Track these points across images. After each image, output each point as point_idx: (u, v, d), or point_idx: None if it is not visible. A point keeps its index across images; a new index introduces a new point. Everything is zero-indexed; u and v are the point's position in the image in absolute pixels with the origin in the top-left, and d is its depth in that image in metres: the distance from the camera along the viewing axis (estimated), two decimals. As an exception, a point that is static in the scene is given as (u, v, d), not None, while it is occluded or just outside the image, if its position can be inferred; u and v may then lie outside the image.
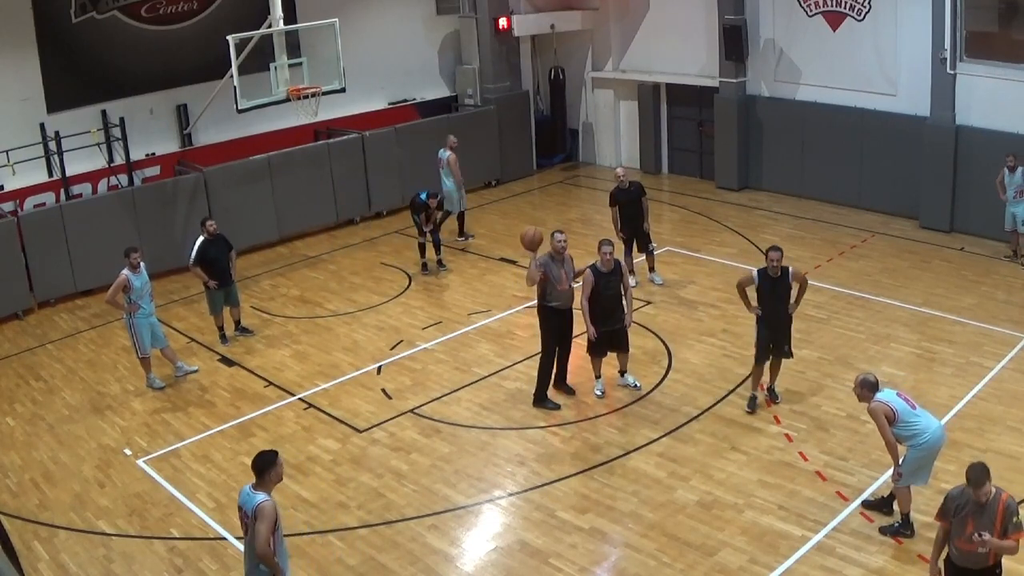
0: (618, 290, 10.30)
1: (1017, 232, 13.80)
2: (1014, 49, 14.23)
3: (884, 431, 7.65)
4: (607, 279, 10.16)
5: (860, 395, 7.81)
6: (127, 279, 11.13)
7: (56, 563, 8.31)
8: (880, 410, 7.63)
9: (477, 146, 18.17)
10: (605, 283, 10.14)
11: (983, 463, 6.14)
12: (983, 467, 6.09)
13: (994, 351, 11.04)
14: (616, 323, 10.39)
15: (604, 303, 10.21)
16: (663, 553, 7.98)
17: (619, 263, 10.32)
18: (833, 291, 13.23)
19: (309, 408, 10.95)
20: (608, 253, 10.13)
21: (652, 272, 13.89)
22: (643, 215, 13.46)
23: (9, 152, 14.35)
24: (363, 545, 8.36)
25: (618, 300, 10.35)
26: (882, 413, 7.63)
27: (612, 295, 10.26)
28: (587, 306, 10.19)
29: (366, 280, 14.96)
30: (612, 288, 10.22)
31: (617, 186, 13.42)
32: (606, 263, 10.15)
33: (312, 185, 16.91)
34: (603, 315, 10.24)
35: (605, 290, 10.16)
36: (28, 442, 10.54)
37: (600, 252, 10.19)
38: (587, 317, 10.22)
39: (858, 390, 7.81)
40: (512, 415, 10.49)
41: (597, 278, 10.14)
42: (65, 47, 15.07)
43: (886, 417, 7.59)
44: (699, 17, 18.15)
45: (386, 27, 18.85)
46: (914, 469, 7.77)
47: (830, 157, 16.79)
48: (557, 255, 10.23)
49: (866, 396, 7.75)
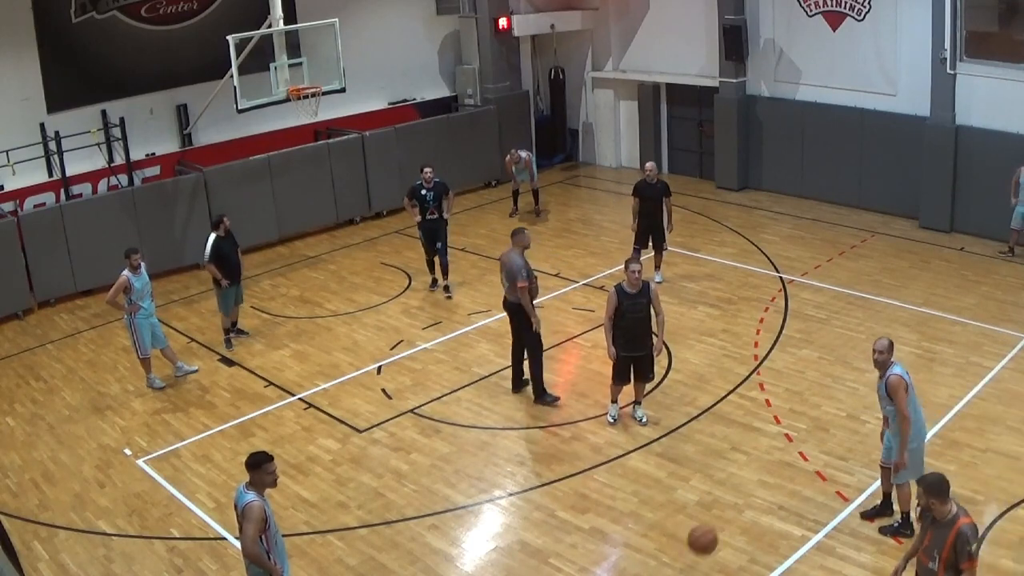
0: (647, 313, 9.51)
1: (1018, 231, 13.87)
2: (1014, 49, 14.23)
3: (903, 405, 7.40)
4: (633, 300, 9.42)
5: (885, 362, 7.52)
6: (127, 280, 11.13)
7: (56, 563, 8.31)
8: (902, 384, 7.42)
9: (477, 146, 18.17)
10: (630, 304, 9.41)
11: (944, 478, 5.77)
12: (945, 482, 5.71)
13: (994, 351, 11.04)
14: (641, 350, 9.66)
15: (628, 326, 9.47)
16: (663, 553, 7.98)
17: (648, 284, 9.52)
18: (833, 291, 13.23)
19: (309, 408, 10.95)
20: (635, 272, 9.36)
21: (656, 271, 13.94)
22: (666, 214, 13.57)
23: (9, 152, 14.36)
24: (363, 545, 8.36)
25: (645, 324, 9.56)
26: (903, 387, 7.42)
27: (639, 318, 9.48)
28: (609, 326, 9.52)
29: (366, 280, 14.96)
30: (639, 311, 9.45)
31: (644, 179, 13.50)
32: (633, 283, 9.39)
33: (312, 185, 16.92)
34: (625, 339, 9.53)
35: (630, 312, 9.43)
36: (28, 442, 10.54)
37: (627, 272, 9.43)
38: (609, 337, 9.58)
39: (885, 356, 7.52)
40: (512, 415, 10.49)
41: (621, 299, 9.43)
42: (65, 47, 15.08)
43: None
44: (699, 17, 18.15)
45: (386, 27, 18.86)
46: (916, 461, 7.64)
47: (830, 157, 16.79)
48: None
49: (888, 362, 7.50)
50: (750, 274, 14.14)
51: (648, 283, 9.59)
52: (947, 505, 5.68)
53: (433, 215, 13.70)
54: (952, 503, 5.70)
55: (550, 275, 14.42)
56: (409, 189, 13.91)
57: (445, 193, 13.81)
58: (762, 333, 12.10)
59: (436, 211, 13.71)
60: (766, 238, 15.67)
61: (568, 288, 13.98)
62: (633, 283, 9.41)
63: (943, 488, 5.67)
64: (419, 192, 13.70)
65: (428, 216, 13.72)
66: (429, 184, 13.65)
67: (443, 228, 13.89)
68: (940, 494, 5.68)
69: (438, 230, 13.82)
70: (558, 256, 15.34)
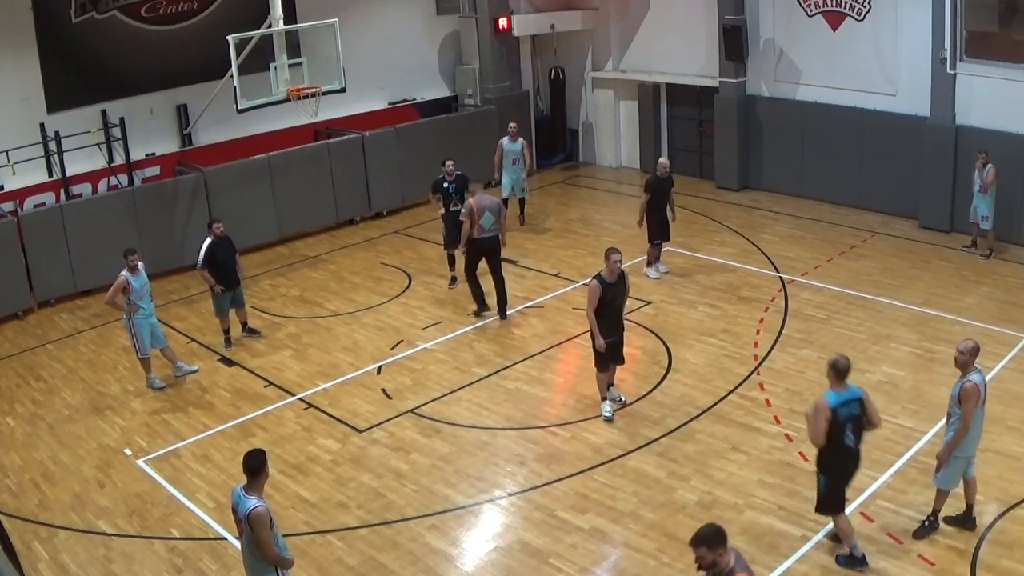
0: (623, 300, 10.02)
1: (978, 225, 14.10)
2: (1014, 49, 14.23)
3: (968, 415, 7.26)
4: (614, 289, 9.76)
5: (966, 363, 7.32)
6: (126, 281, 11.12)
7: (56, 563, 8.31)
8: (975, 395, 7.22)
9: (477, 146, 18.15)
10: (612, 294, 9.74)
11: (719, 529, 5.31)
12: (719, 533, 5.26)
13: (994, 351, 11.02)
14: (618, 334, 10.06)
15: (610, 314, 9.79)
16: (663, 553, 7.98)
17: (624, 273, 9.89)
18: (833, 291, 13.23)
19: (309, 408, 10.95)
20: (616, 261, 9.65)
21: (657, 262, 14.12)
22: (670, 207, 13.84)
23: (9, 152, 14.36)
24: (363, 545, 8.36)
25: (622, 311, 10.08)
26: (975, 398, 7.22)
27: (618, 305, 9.92)
28: (594, 319, 9.70)
29: (366, 280, 14.96)
30: (619, 298, 9.89)
31: (656, 174, 13.69)
32: (612, 273, 9.69)
33: (312, 185, 16.92)
34: (606, 326, 9.80)
35: (612, 300, 9.75)
36: (28, 442, 10.54)
37: (608, 261, 9.67)
38: (595, 330, 9.73)
39: (967, 356, 7.32)
40: (512, 415, 10.50)
41: (605, 289, 9.67)
42: (65, 47, 15.08)
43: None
44: (699, 17, 18.15)
45: (386, 27, 18.86)
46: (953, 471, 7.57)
47: (830, 157, 16.79)
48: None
49: (970, 365, 7.30)
50: (750, 274, 14.14)
51: (624, 271, 9.98)
52: (724, 556, 5.25)
53: (456, 206, 13.86)
54: (730, 554, 5.29)
55: (550, 275, 14.43)
56: (432, 183, 14.27)
57: (466, 185, 14.00)
58: (762, 333, 12.11)
59: (459, 203, 13.85)
60: (766, 238, 15.67)
61: (568, 288, 13.97)
62: (613, 272, 9.73)
63: (716, 538, 5.24)
64: (441, 185, 14.12)
65: (452, 208, 13.97)
66: (451, 177, 14.07)
67: None
68: (711, 543, 5.23)
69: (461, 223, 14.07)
70: (558, 256, 15.34)
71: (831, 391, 7.21)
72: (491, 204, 12.65)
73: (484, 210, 12.51)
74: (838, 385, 7.21)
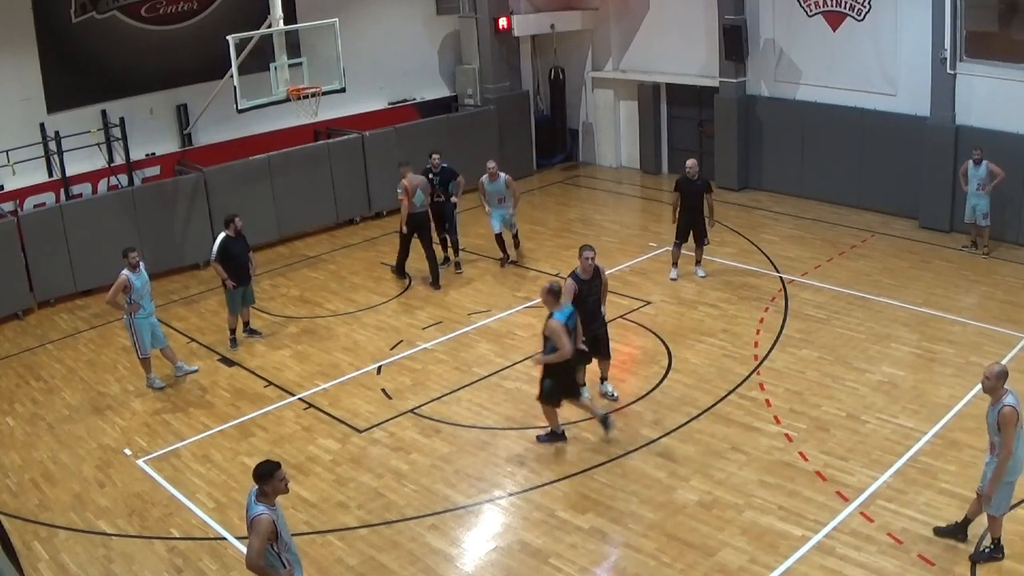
0: (599, 295, 10.17)
1: (976, 224, 14.10)
2: (1014, 49, 14.24)
3: (1010, 439, 6.99)
4: (588, 285, 9.98)
5: (994, 387, 7.06)
6: (127, 279, 11.11)
7: (56, 563, 8.31)
8: (1014, 418, 6.92)
9: (477, 146, 18.17)
10: (587, 290, 9.97)
11: None
12: None
13: (994, 351, 11.02)
14: (599, 327, 10.22)
15: (586, 310, 9.92)
16: (663, 553, 7.98)
17: (599, 268, 10.13)
18: (833, 291, 13.23)
19: (309, 408, 10.95)
20: (589, 259, 9.93)
21: (697, 265, 14.14)
22: (708, 210, 13.75)
23: (9, 152, 14.35)
24: (363, 545, 8.36)
25: (598, 306, 10.20)
26: (1014, 421, 6.92)
27: (594, 299, 10.12)
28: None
29: (366, 280, 14.96)
30: (594, 293, 10.09)
31: (685, 175, 13.68)
32: (586, 270, 9.95)
33: (312, 185, 16.91)
34: (584, 320, 9.85)
35: (587, 296, 9.97)
36: (28, 442, 10.54)
37: (581, 258, 9.95)
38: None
39: (993, 382, 7.06)
40: (512, 415, 10.50)
41: (580, 285, 9.92)
42: (65, 47, 15.07)
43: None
44: (699, 17, 18.15)
45: (386, 27, 18.86)
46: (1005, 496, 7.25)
47: (830, 157, 16.79)
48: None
49: (1000, 391, 7.03)
50: (750, 274, 14.14)
51: (599, 267, 10.16)
52: None
53: (440, 198, 14.51)
54: None
55: (550, 275, 14.43)
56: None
57: (454, 178, 14.57)
58: (762, 333, 12.11)
59: (443, 194, 14.53)
60: (766, 238, 15.68)
61: (568, 288, 13.96)
62: (586, 269, 9.97)
63: None
64: (426, 177, 14.39)
65: (436, 199, 14.46)
66: (437, 169, 14.46)
67: (451, 209, 14.76)
68: None
69: (445, 211, 14.73)
70: (558, 256, 15.34)
71: (556, 312, 9.02)
72: (422, 183, 13.97)
73: (416, 189, 13.74)
74: (556, 306, 9.02)
